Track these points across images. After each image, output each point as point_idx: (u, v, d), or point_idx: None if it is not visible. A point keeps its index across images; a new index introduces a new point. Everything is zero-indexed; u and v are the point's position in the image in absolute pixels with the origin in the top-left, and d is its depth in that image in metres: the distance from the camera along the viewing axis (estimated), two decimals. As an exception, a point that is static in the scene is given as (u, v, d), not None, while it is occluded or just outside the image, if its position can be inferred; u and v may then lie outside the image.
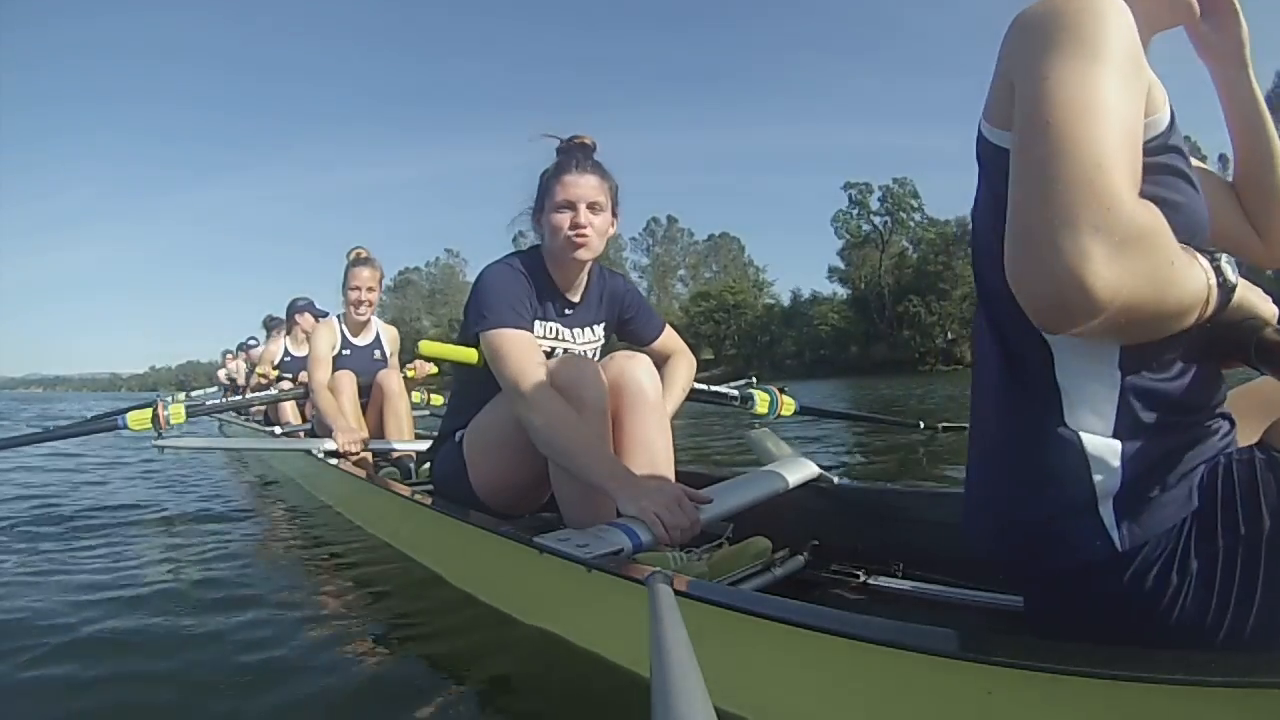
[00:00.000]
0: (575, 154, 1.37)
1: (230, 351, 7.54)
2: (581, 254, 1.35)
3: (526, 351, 1.24)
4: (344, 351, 2.77)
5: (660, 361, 1.50)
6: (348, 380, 2.61)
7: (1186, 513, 0.59)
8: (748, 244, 59.23)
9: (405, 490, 1.67)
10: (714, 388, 2.30)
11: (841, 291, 44.62)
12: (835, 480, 1.40)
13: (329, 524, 2.23)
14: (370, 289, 2.75)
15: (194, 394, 5.76)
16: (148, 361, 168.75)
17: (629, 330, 1.57)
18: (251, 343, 6.49)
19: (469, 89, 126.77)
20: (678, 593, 0.66)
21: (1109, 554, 0.59)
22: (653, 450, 1.27)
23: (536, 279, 1.39)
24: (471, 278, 1.65)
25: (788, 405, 2.47)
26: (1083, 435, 0.60)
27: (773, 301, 50.70)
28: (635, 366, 1.30)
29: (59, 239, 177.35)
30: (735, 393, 2.33)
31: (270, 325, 5.27)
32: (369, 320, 2.89)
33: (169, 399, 3.13)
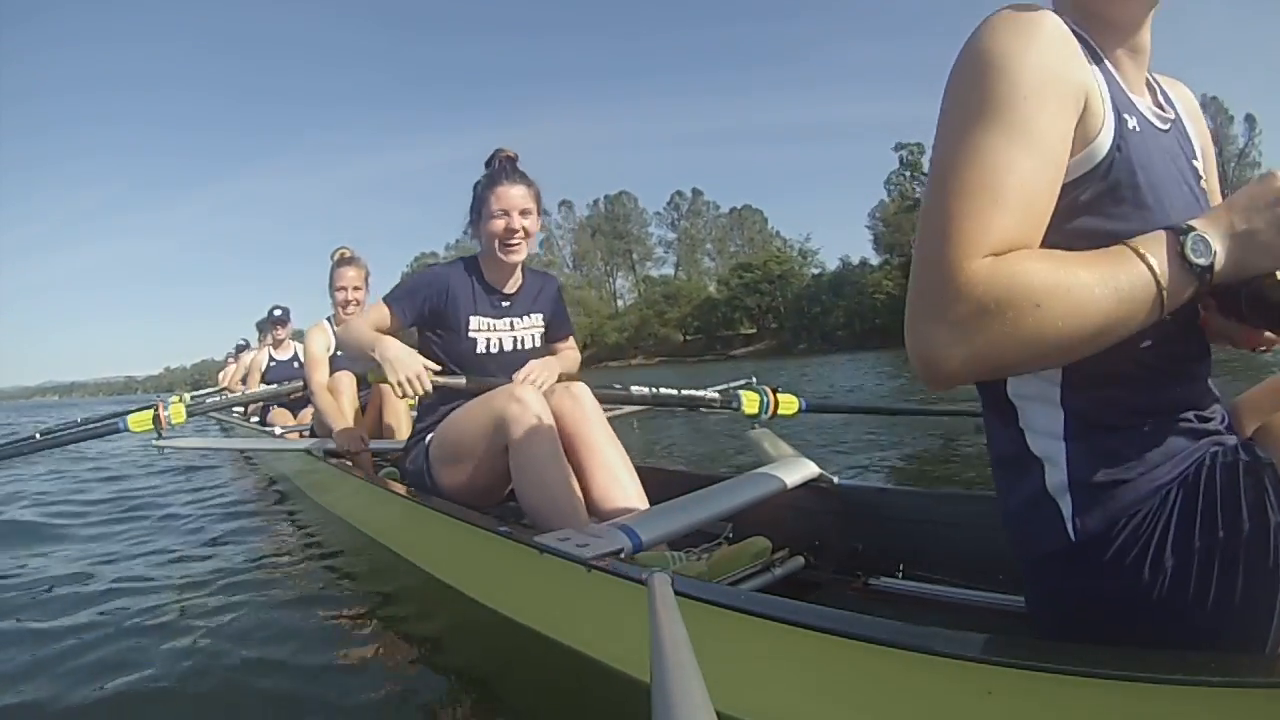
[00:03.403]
0: (505, 166, 1.58)
1: (231, 353, 7.57)
2: (514, 256, 1.57)
3: (378, 315, 1.56)
4: (338, 352, 2.77)
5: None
6: (347, 381, 2.62)
7: (1155, 508, 0.59)
8: (770, 216, 57.90)
9: (404, 490, 1.66)
10: (687, 392, 2.13)
11: (892, 260, 41.10)
12: (835, 480, 1.40)
13: (328, 524, 2.23)
14: (356, 288, 2.75)
15: (195, 394, 5.76)
16: (162, 362, 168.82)
17: (548, 330, 1.76)
18: (242, 343, 6.53)
19: (489, 67, 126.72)
20: (677, 593, 0.66)
21: (1066, 544, 0.62)
22: (606, 455, 1.41)
23: (474, 280, 1.61)
24: None
25: (787, 404, 2.26)
26: (1031, 436, 0.65)
27: (819, 270, 47.78)
28: (575, 392, 1.48)
29: (69, 241, 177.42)
30: (716, 395, 2.15)
31: (260, 329, 5.31)
32: None
33: (169, 400, 3.12)
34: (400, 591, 1.58)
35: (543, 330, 1.72)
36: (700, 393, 2.16)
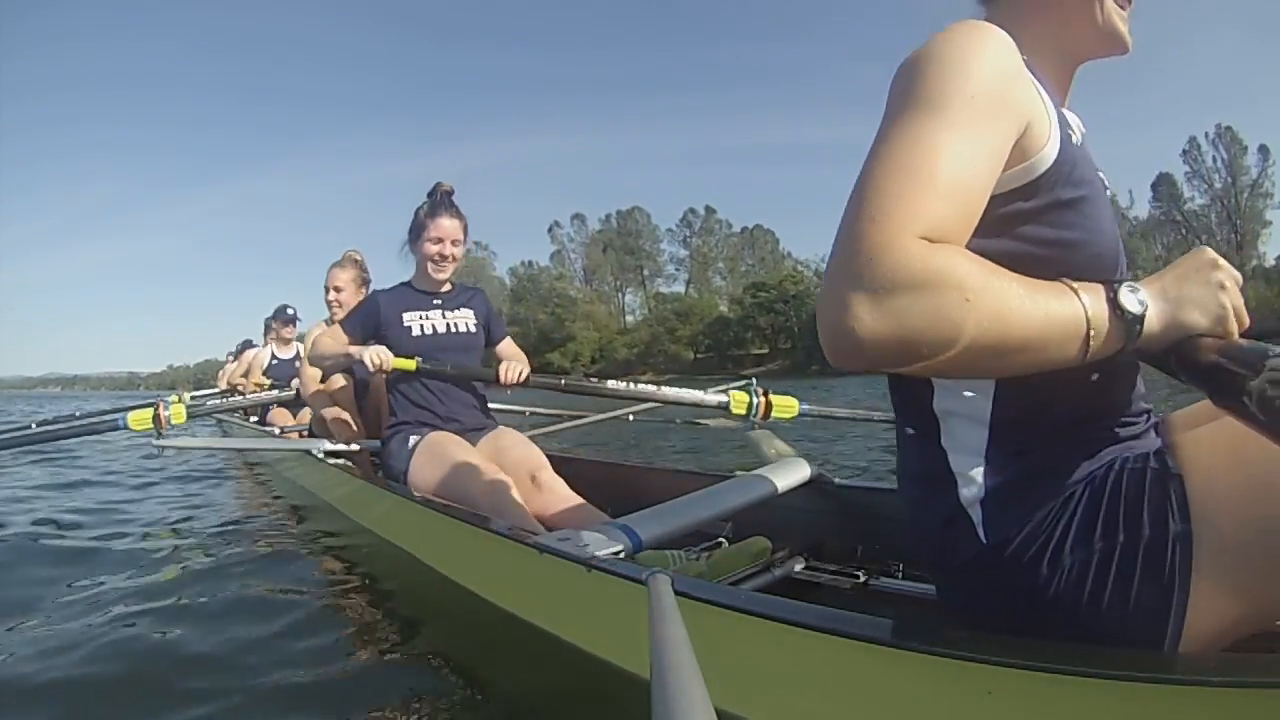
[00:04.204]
0: (445, 200, 1.92)
1: (233, 353, 7.56)
2: (441, 275, 1.95)
3: (337, 334, 1.92)
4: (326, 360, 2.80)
5: (501, 356, 2.05)
6: (345, 382, 2.67)
7: (1058, 508, 0.62)
8: (781, 237, 57.74)
9: (405, 489, 1.67)
10: (670, 390, 2.08)
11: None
12: (835, 481, 1.40)
13: (329, 524, 2.23)
14: (338, 288, 2.79)
15: (195, 394, 5.76)
16: (166, 360, 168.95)
17: (488, 335, 2.07)
18: (244, 343, 6.52)
19: (503, 78, 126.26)
20: (677, 592, 0.66)
21: (979, 549, 0.66)
22: (545, 479, 1.71)
23: (406, 290, 1.99)
24: (501, 270, 2.20)
25: (784, 407, 2.16)
26: (953, 455, 0.68)
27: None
28: (508, 437, 1.88)
29: (79, 235, 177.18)
30: (702, 394, 2.08)
31: (268, 325, 5.31)
32: None
33: (169, 399, 3.13)
34: (402, 586, 1.58)
35: (475, 322, 2.02)
36: (685, 391, 2.12)
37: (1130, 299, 0.53)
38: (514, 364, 1.90)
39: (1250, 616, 0.57)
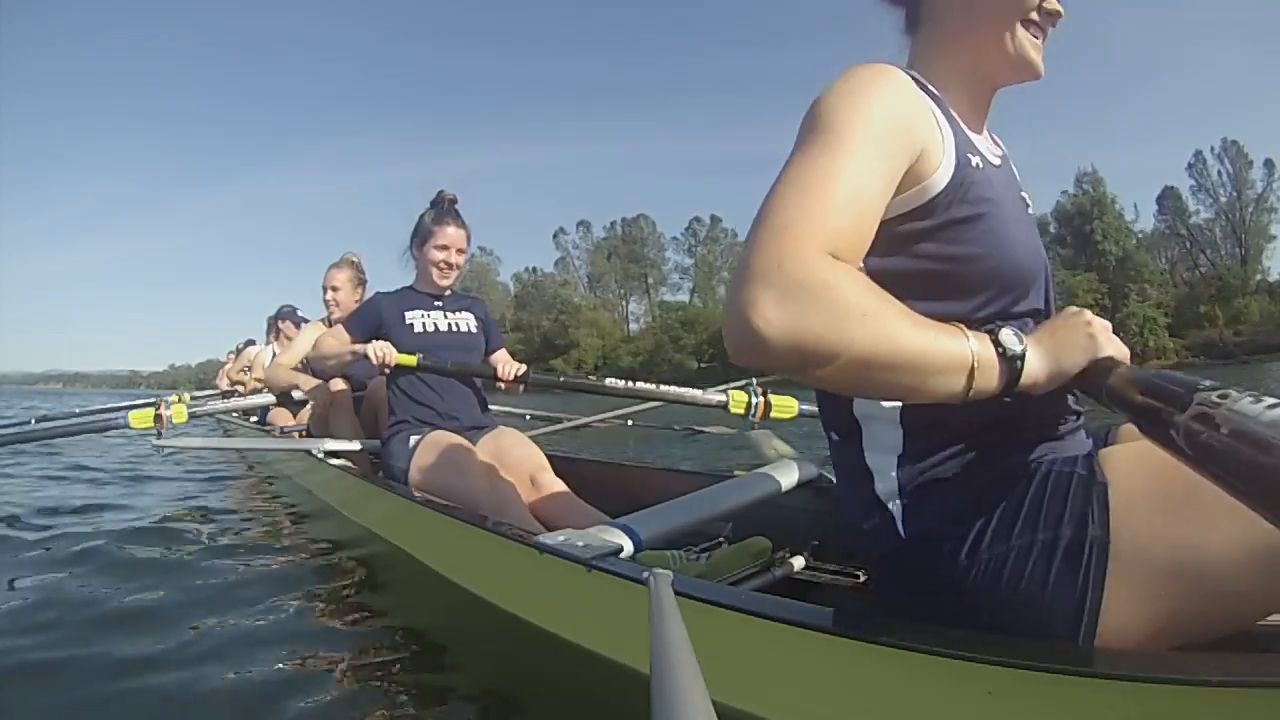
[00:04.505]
0: (450, 209, 1.99)
1: (233, 352, 7.55)
2: (444, 281, 2.01)
3: (339, 333, 1.96)
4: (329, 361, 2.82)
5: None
6: (342, 383, 2.70)
7: (977, 509, 0.66)
8: None
9: (405, 489, 1.67)
10: (669, 388, 2.06)
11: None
12: (835, 481, 1.40)
13: (328, 523, 2.23)
14: (335, 288, 2.91)
15: (196, 395, 5.77)
16: (168, 359, 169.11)
17: (487, 343, 2.11)
18: (245, 343, 6.52)
19: (509, 83, 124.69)
20: (678, 592, 0.66)
21: (899, 543, 0.71)
22: (545, 480, 1.74)
23: (408, 293, 2.03)
24: (505, 276, 2.22)
25: (783, 407, 2.14)
26: (869, 452, 0.74)
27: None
28: (508, 437, 1.90)
29: (83, 231, 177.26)
30: (701, 394, 2.08)
31: (270, 323, 5.30)
32: None
33: (170, 398, 3.13)
34: (400, 589, 1.58)
35: (475, 324, 2.07)
36: (685, 390, 2.12)
37: (1010, 338, 0.59)
38: (510, 362, 1.98)
39: (1162, 630, 0.60)
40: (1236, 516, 0.53)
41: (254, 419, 4.43)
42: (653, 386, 2.08)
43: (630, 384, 2.09)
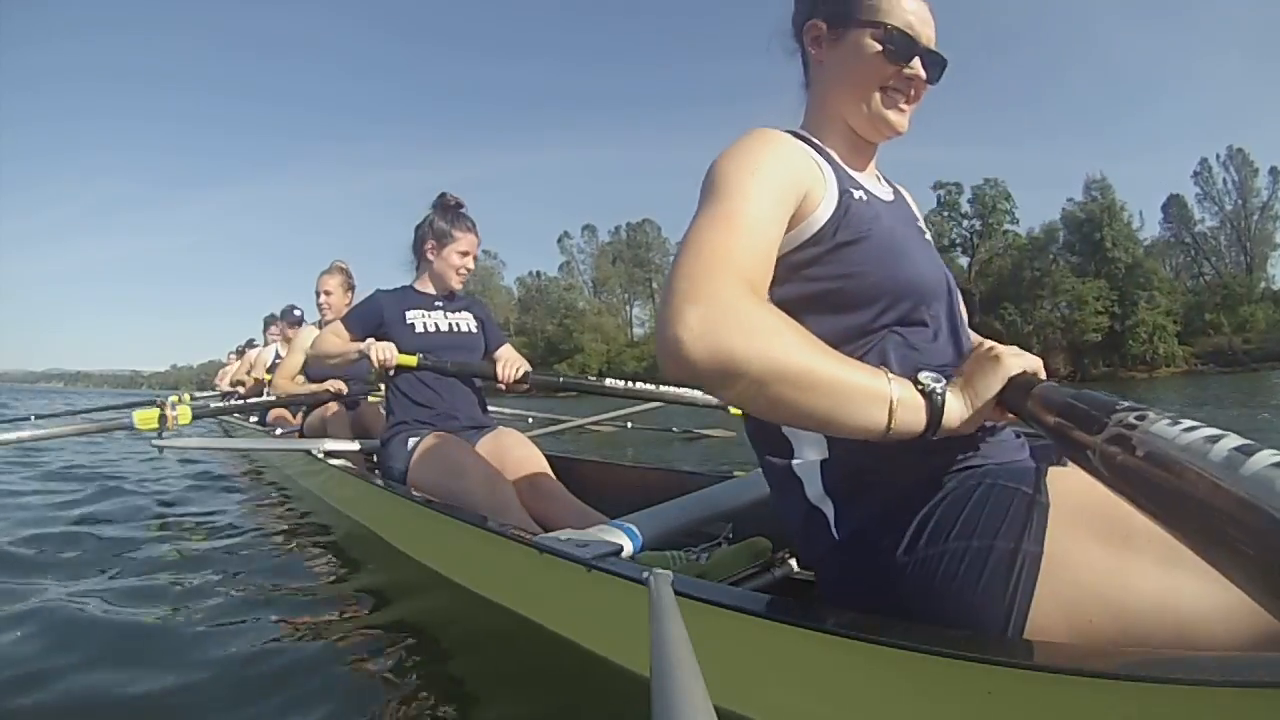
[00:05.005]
0: (464, 214, 2.01)
1: (234, 353, 7.56)
2: (456, 284, 2.04)
3: (338, 330, 1.95)
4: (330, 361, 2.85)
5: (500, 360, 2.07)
6: (336, 406, 2.82)
7: (912, 509, 0.70)
8: None
9: (404, 489, 1.67)
10: (667, 388, 2.08)
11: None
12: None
13: (328, 523, 2.24)
14: (328, 292, 3.09)
15: (197, 395, 5.77)
16: (169, 359, 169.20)
17: (487, 342, 2.12)
18: (245, 344, 6.52)
19: (513, 89, 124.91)
20: (678, 592, 0.66)
21: (833, 543, 0.75)
22: (544, 481, 1.74)
23: (409, 292, 2.03)
24: (509, 280, 2.19)
25: None
26: (798, 462, 0.79)
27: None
28: (508, 437, 1.89)
29: (86, 230, 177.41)
30: (699, 393, 2.09)
31: (269, 323, 5.31)
32: None
33: (172, 399, 3.14)
34: (400, 589, 1.58)
35: (477, 324, 2.08)
36: (684, 390, 2.12)
37: (928, 378, 0.65)
38: (512, 362, 1.97)
39: (1085, 641, 0.61)
40: (1166, 553, 0.56)
41: (254, 419, 4.44)
42: (653, 387, 2.08)
43: (631, 384, 2.09)
